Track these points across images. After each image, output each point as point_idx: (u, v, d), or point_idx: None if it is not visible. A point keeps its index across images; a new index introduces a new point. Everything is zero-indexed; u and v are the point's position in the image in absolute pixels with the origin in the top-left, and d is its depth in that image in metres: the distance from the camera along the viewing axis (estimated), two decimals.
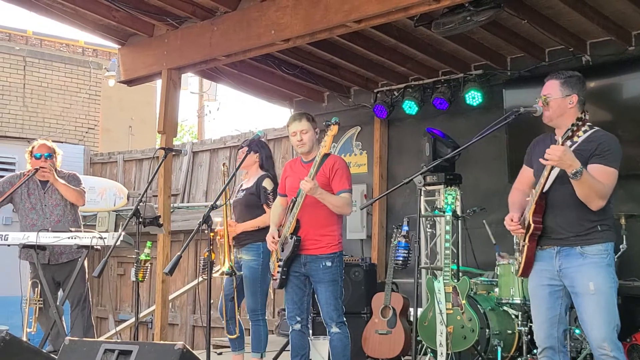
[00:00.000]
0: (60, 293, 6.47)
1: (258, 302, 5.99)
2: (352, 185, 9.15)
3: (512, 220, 4.18)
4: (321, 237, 5.13)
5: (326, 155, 5.16)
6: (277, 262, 5.21)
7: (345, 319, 5.22)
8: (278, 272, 5.20)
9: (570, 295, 4.04)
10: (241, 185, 6.26)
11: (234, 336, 6.03)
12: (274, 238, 5.21)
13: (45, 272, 6.22)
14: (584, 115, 3.79)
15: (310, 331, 5.12)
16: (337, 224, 5.21)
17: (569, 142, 3.98)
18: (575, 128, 3.75)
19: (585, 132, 4.08)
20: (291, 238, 5.10)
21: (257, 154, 6.09)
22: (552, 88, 4.15)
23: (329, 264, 5.10)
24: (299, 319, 5.25)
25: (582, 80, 4.22)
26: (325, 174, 5.10)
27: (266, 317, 6.10)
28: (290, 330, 5.32)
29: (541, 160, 3.86)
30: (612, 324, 3.89)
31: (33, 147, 6.55)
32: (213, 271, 5.36)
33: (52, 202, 6.47)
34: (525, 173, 4.37)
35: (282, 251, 5.16)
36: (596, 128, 4.13)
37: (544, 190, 4.01)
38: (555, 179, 3.98)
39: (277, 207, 5.48)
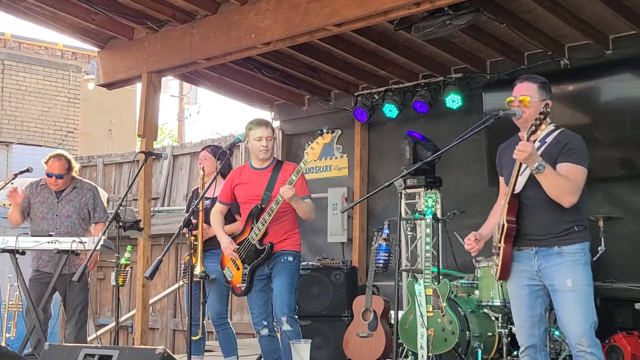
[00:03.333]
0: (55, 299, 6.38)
1: (224, 306, 6.02)
2: (334, 188, 9.32)
3: (474, 239, 4.21)
4: (286, 237, 5.21)
5: (280, 163, 5.23)
6: (238, 269, 5.19)
7: (297, 316, 5.18)
8: (243, 280, 5.18)
9: (549, 294, 4.07)
10: (196, 191, 6.32)
11: (197, 337, 6.02)
12: (232, 246, 5.18)
13: (42, 277, 6.18)
14: (546, 109, 3.87)
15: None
16: (298, 227, 5.34)
17: (538, 143, 4.02)
18: (538, 122, 3.83)
19: (551, 132, 4.11)
20: (260, 245, 5.10)
21: (219, 161, 6.06)
22: (530, 90, 4.17)
23: (290, 258, 5.17)
24: (265, 323, 5.22)
25: (550, 87, 4.27)
26: (284, 179, 5.11)
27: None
28: (259, 337, 5.29)
29: (514, 155, 3.89)
30: (589, 321, 3.92)
31: (47, 161, 6.33)
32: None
33: (64, 213, 6.31)
34: (502, 184, 4.40)
35: (246, 258, 5.15)
36: (562, 129, 4.16)
37: (515, 191, 4.04)
38: (528, 180, 4.01)
39: (218, 214, 5.39)
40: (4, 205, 6.86)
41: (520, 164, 3.94)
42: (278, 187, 5.04)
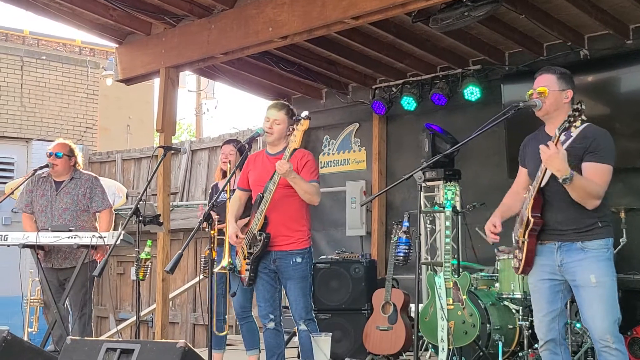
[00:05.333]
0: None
1: (248, 299, 6.00)
2: (352, 182, 9.30)
3: (494, 226, 4.23)
4: (292, 232, 5.04)
5: (295, 149, 5.09)
6: (245, 259, 5.11)
7: (314, 316, 5.14)
8: (247, 269, 5.10)
9: (570, 289, 4.05)
10: (215, 186, 6.32)
11: (224, 333, 6.03)
12: (237, 236, 5.09)
13: (50, 273, 6.21)
14: (580, 105, 3.78)
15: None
16: (306, 218, 5.14)
17: (563, 137, 3.99)
18: (572, 119, 3.75)
19: (577, 127, 4.07)
20: (260, 235, 5.00)
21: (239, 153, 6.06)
22: (549, 81, 4.14)
23: (299, 260, 5.01)
24: (272, 316, 5.14)
25: (572, 77, 4.23)
26: (294, 167, 4.98)
27: None
28: (264, 329, 5.22)
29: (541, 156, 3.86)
30: (613, 317, 3.91)
31: (51, 146, 6.43)
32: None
33: (61, 206, 6.30)
34: (521, 174, 4.37)
35: (250, 248, 5.07)
36: (588, 123, 4.12)
37: (541, 185, 4.01)
38: (552, 175, 3.98)
39: (236, 200, 5.32)
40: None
41: None
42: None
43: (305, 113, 4.88)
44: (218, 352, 6.10)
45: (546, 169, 3.93)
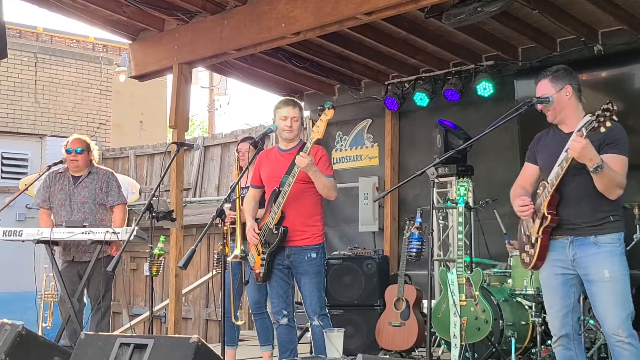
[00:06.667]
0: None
1: (263, 295, 6.00)
2: (364, 178, 9.30)
3: (523, 201, 4.14)
4: (307, 227, 5.05)
5: (317, 140, 5.06)
6: (259, 255, 5.10)
7: (327, 312, 5.15)
8: (262, 265, 5.09)
9: (582, 283, 4.04)
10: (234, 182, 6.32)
11: (242, 322, 6.03)
12: (254, 230, 5.10)
13: (71, 267, 6.25)
14: (612, 106, 3.69)
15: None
16: (321, 213, 5.15)
17: (575, 134, 3.97)
18: (602, 119, 3.68)
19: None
20: (277, 229, 4.98)
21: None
22: (544, 88, 4.17)
23: (314, 255, 5.02)
24: (285, 312, 5.14)
25: (569, 70, 4.21)
26: None
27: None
28: (277, 325, 5.22)
29: (569, 152, 3.81)
30: (626, 311, 3.91)
31: (67, 142, 6.48)
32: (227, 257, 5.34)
33: (79, 199, 6.35)
34: (528, 170, 4.36)
35: (265, 243, 5.06)
36: None
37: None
38: (566, 170, 3.97)
39: (251, 199, 5.32)
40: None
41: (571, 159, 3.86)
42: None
43: (329, 103, 4.89)
44: (231, 348, 6.10)
45: (567, 166, 3.90)
